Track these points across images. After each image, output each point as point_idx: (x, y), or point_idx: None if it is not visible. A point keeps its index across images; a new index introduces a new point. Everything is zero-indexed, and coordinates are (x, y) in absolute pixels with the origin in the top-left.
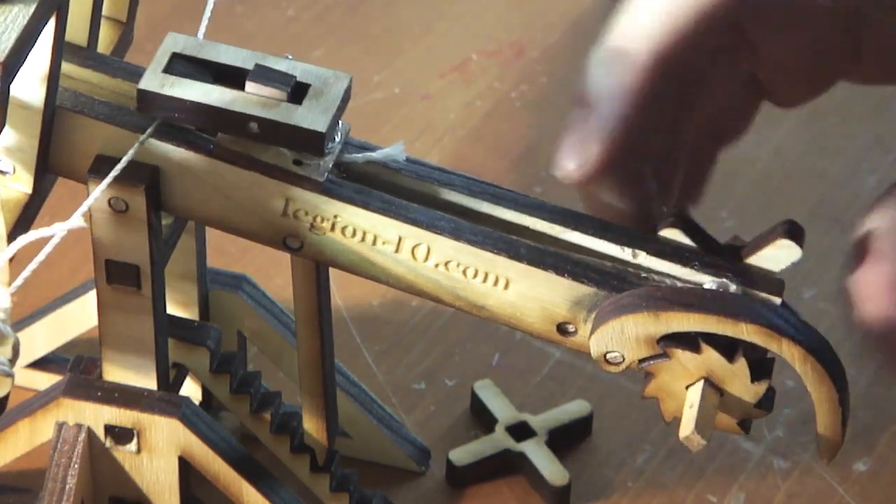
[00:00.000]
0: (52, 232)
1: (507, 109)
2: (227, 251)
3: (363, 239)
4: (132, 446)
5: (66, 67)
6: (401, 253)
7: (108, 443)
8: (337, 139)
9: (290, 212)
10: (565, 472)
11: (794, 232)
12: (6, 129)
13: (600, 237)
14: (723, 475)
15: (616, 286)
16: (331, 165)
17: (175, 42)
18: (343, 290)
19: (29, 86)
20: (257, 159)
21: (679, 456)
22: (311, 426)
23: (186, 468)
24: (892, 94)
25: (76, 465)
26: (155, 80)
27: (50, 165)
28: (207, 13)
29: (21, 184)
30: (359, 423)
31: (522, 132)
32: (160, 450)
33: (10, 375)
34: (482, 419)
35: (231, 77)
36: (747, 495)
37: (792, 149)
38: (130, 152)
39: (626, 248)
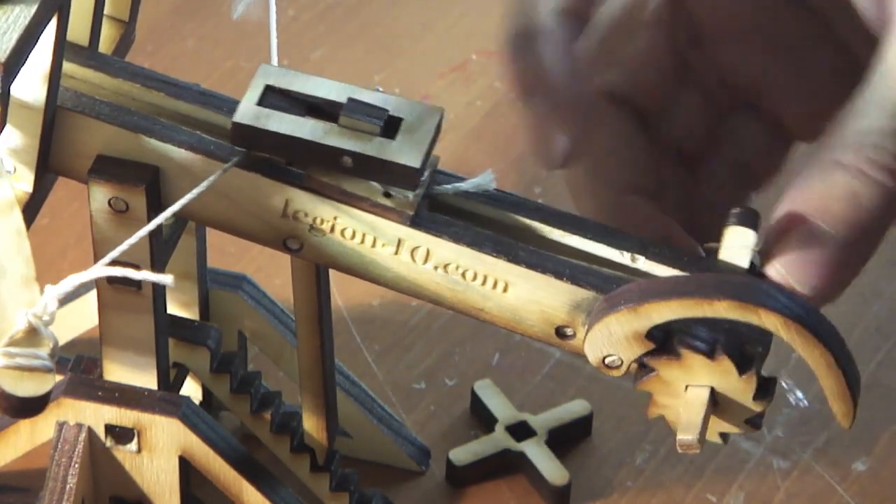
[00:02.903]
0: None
1: (507, 109)
2: (227, 251)
3: (363, 241)
4: (132, 446)
5: (68, 67)
6: (400, 255)
7: (109, 442)
8: (427, 172)
9: (289, 213)
10: (565, 472)
11: (744, 218)
12: (7, 128)
13: (600, 241)
14: (722, 475)
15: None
16: (421, 198)
17: (267, 73)
18: (343, 290)
19: (30, 85)
20: (258, 161)
21: (679, 456)
22: (311, 426)
23: (186, 468)
24: None
25: (77, 465)
26: (249, 113)
27: (51, 165)
28: (274, 42)
29: (22, 183)
30: (359, 423)
31: (522, 132)
32: (160, 449)
33: (52, 370)
34: (482, 419)
35: (323, 109)
36: (747, 495)
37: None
38: (212, 178)
39: (625, 253)
